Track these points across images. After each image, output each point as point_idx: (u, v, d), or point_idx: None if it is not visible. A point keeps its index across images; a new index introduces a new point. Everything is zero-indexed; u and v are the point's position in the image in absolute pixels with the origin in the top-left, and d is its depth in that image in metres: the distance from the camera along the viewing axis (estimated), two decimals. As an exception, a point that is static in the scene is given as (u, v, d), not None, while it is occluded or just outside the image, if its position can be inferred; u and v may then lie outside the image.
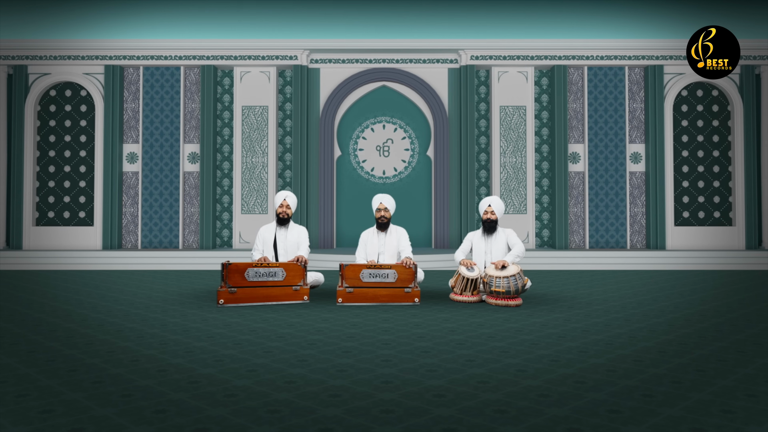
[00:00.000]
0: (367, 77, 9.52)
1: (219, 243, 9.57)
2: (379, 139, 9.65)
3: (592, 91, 9.46)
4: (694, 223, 9.46)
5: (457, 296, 5.26)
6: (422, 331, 3.88)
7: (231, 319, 4.28)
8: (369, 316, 4.47)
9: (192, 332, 3.84)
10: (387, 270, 4.96)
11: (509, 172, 9.46)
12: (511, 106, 9.44)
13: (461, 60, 9.44)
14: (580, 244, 9.52)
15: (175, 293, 5.80)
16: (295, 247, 5.61)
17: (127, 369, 2.90)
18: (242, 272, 4.91)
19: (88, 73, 9.38)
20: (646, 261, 8.72)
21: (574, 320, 4.33)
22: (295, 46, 9.30)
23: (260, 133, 9.37)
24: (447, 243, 9.49)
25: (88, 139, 9.41)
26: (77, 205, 9.38)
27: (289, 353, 3.24)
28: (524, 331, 3.92)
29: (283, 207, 5.65)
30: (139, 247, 9.34)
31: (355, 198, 9.53)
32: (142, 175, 9.33)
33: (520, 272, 5.10)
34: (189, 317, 4.42)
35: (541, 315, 4.57)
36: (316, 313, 4.57)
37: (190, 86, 9.44)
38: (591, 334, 3.81)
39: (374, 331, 3.89)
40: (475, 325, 4.10)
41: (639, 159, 9.47)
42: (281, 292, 5.00)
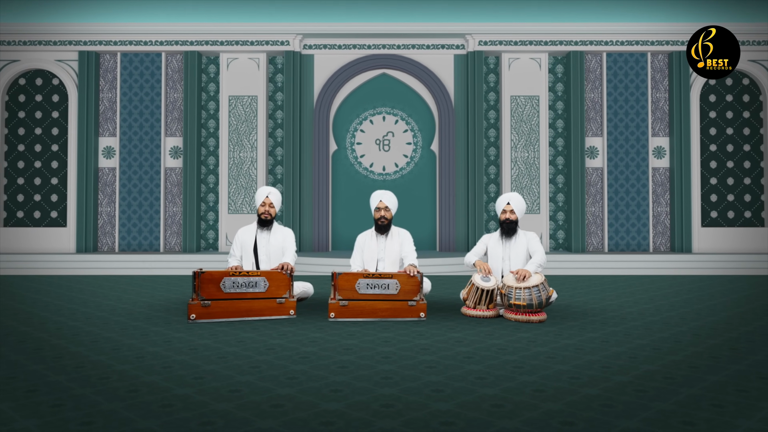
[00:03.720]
0: (366, 64, 9.17)
1: (204, 246, 9.18)
2: (378, 132, 9.30)
3: (611, 79, 9.04)
4: (723, 223, 9.07)
5: (470, 310, 4.68)
6: (431, 358, 3.30)
7: (199, 341, 3.72)
8: (366, 335, 3.95)
9: (145, 359, 3.25)
10: (387, 280, 4.47)
11: (521, 168, 9.09)
12: (523, 96, 9.07)
13: (468, 45, 9.07)
14: (599, 246, 9.13)
15: (144, 304, 5.33)
16: (280, 252, 4.92)
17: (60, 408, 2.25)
18: (217, 282, 4.42)
19: (60, 60, 8.96)
20: (670, 265, 8.40)
21: (613, 341, 3.76)
22: (287, 30, 8.92)
23: (249, 125, 9.03)
24: (453, 246, 9.11)
25: (61, 132, 9.02)
26: (49, 204, 9.00)
27: (261, 393, 2.63)
28: (556, 358, 3.31)
29: (266, 206, 4.93)
30: (117, 250, 8.99)
31: (352, 196, 9.17)
32: (120, 172, 8.93)
33: (544, 282, 4.52)
34: (149, 337, 3.84)
35: (572, 334, 3.98)
36: (303, 332, 4.04)
37: (172, 74, 9.05)
38: (641, 362, 3.14)
39: (372, 358, 3.32)
40: (496, 349, 3.52)
41: (663, 154, 9.08)
42: (263, 306, 4.50)
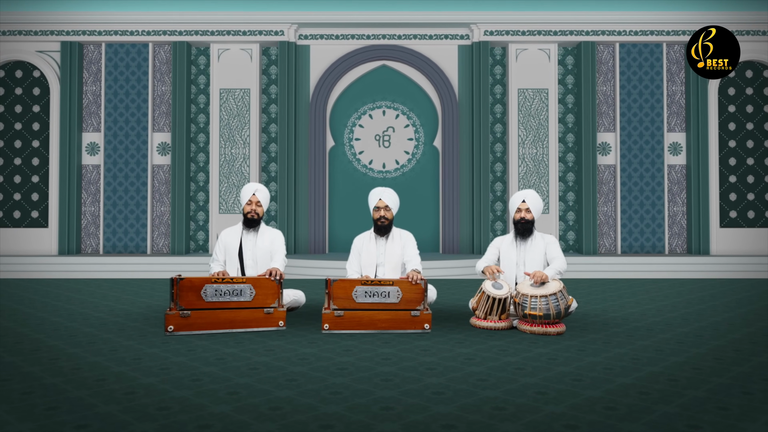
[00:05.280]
0: (365, 55, 8.98)
1: (193, 247, 8.93)
2: (378, 128, 9.13)
3: (624, 71, 8.81)
4: (743, 224, 8.80)
5: (480, 321, 4.25)
6: (439, 381, 2.89)
7: (174, 358, 3.30)
8: (363, 351, 3.52)
9: (107, 382, 2.79)
10: (388, 287, 4.10)
11: (529, 165, 8.84)
12: (531, 89, 8.85)
13: (473, 36, 8.85)
14: (611, 248, 8.86)
15: (122, 312, 4.91)
16: (268, 256, 4.47)
17: None
18: (198, 290, 4.04)
19: (41, 51, 8.75)
20: (687, 268, 8.15)
21: (645, 359, 3.31)
22: (281, 19, 8.72)
23: (241, 120, 8.82)
24: (456, 248, 8.86)
25: (42, 127, 8.81)
26: (29, 204, 8.79)
27: (237, 424, 2.25)
28: (584, 381, 2.84)
29: (252, 204, 4.48)
30: (101, 252, 8.75)
31: (350, 195, 8.99)
32: (105, 169, 8.74)
33: (563, 289, 4.10)
34: (117, 353, 3.45)
35: (597, 349, 3.54)
36: (293, 346, 3.63)
37: (160, 66, 8.85)
38: (686, 387, 2.67)
39: (369, 381, 2.87)
40: (512, 369, 3.09)
41: (679, 150, 8.83)
42: (249, 317, 4.12)
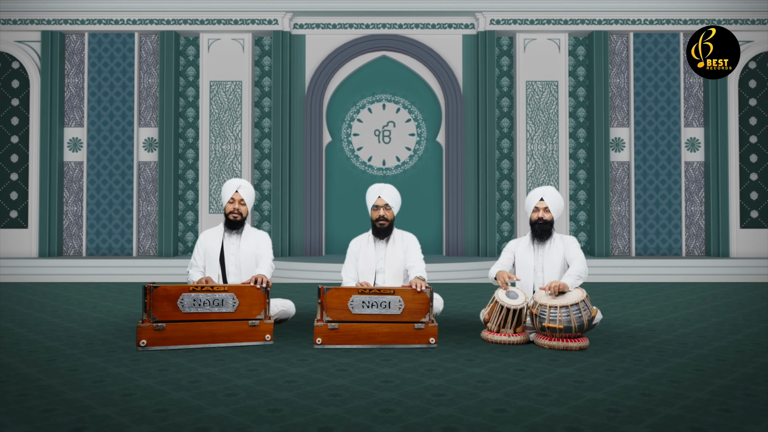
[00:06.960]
0: (364, 46, 8.80)
1: (182, 249, 8.72)
2: (378, 122, 8.97)
3: (639, 62, 8.60)
4: (765, 224, 8.56)
5: (493, 335, 3.86)
6: (449, 411, 2.46)
7: (142, 380, 2.88)
8: (360, 372, 3.12)
9: (55, 413, 2.35)
10: (389, 296, 3.76)
11: (538, 162, 8.65)
12: (540, 82, 8.68)
13: (479, 25, 8.63)
14: (625, 250, 8.63)
15: (95, 322, 4.53)
16: (252, 261, 4.06)
17: None
18: (174, 299, 3.64)
19: (21, 41, 8.53)
20: (705, 271, 7.98)
21: (686, 382, 2.85)
22: (275, 7, 8.53)
23: (232, 114, 8.66)
24: (461, 250, 8.62)
25: (22, 121, 8.59)
26: (8, 203, 8.57)
27: None
28: (622, 412, 2.39)
29: (235, 203, 4.05)
30: (84, 254, 8.54)
31: (348, 194, 8.80)
32: (88, 166, 8.55)
33: (586, 299, 3.71)
34: (77, 374, 3.01)
35: (626, 369, 3.11)
36: (279, 365, 3.22)
37: (147, 57, 8.67)
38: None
39: (367, 410, 2.44)
40: (534, 394, 2.69)
41: (697, 146, 8.62)
42: (232, 330, 3.74)
